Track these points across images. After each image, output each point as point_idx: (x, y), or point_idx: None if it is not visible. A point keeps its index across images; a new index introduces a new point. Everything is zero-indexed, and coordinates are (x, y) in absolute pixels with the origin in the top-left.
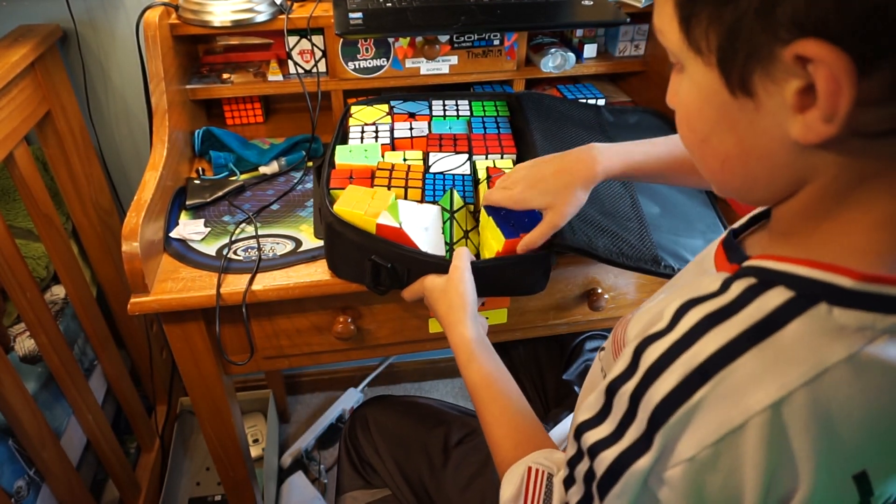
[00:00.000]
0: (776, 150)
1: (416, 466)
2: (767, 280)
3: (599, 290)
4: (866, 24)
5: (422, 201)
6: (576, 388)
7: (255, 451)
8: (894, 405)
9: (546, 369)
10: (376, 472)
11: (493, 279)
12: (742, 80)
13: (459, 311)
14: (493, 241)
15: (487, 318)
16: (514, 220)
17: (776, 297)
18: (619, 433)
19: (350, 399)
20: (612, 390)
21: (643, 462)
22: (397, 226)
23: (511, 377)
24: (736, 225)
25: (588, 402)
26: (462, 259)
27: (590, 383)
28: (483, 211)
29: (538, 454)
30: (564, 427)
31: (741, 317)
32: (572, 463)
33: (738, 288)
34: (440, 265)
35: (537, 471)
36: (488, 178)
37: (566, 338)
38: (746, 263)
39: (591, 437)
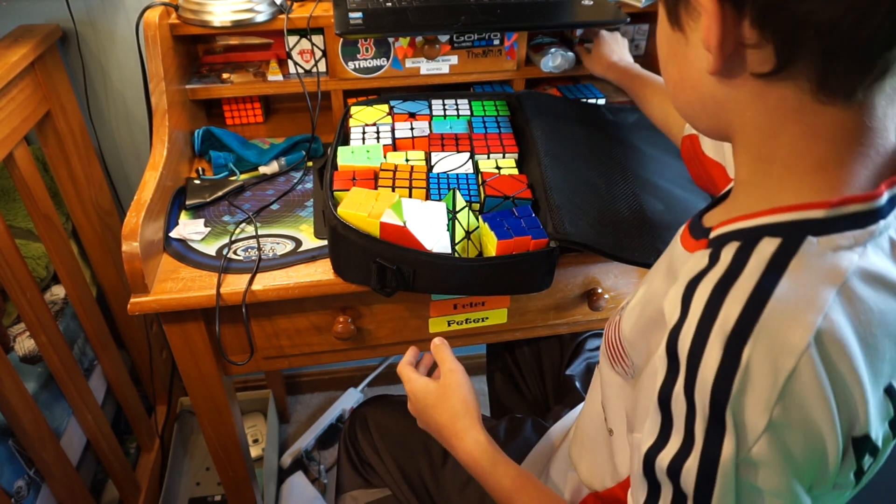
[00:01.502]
0: (700, 79)
1: (415, 466)
2: (751, 237)
3: (599, 290)
4: None
5: (426, 200)
6: (577, 384)
7: (255, 451)
8: (895, 307)
9: (547, 368)
10: (376, 472)
11: (499, 277)
12: (675, 15)
13: (466, 417)
14: (489, 244)
15: (487, 317)
16: (508, 224)
17: (767, 247)
18: (690, 437)
19: (350, 399)
20: (663, 399)
21: (727, 449)
22: (402, 224)
23: (530, 473)
24: (703, 209)
25: (646, 428)
26: (449, 357)
27: (591, 392)
28: (479, 218)
29: None
30: (566, 422)
31: (746, 275)
32: (651, 496)
33: (728, 253)
34: (445, 264)
35: None
36: (483, 182)
37: (567, 337)
38: (720, 231)
39: (665, 457)
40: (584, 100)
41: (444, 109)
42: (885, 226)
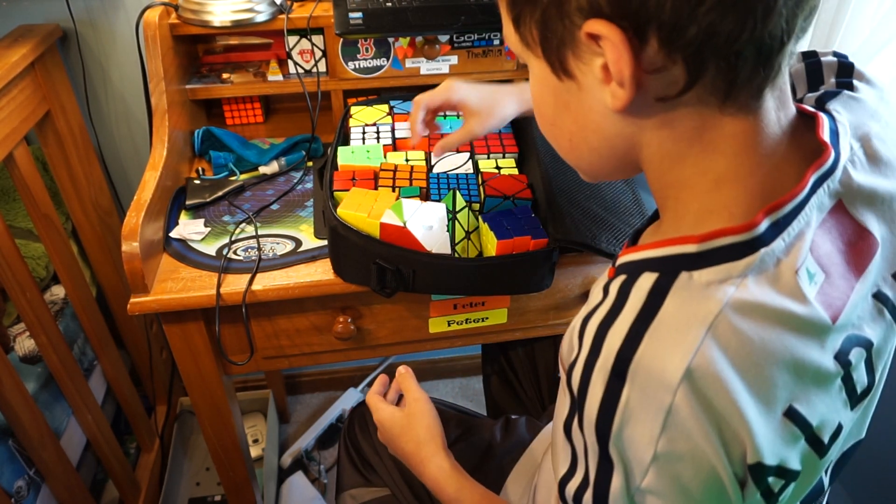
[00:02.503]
0: (603, 121)
1: None
2: (634, 271)
3: None
4: (627, 4)
5: (426, 200)
6: None
7: (255, 451)
8: (782, 335)
9: (542, 369)
10: (376, 471)
11: (499, 277)
12: (561, 64)
13: (430, 444)
14: (489, 244)
15: (487, 317)
16: (508, 224)
17: (645, 282)
18: (586, 469)
19: (350, 399)
20: (567, 431)
21: (615, 483)
22: (401, 225)
23: (495, 496)
24: (638, 227)
25: (559, 457)
26: (413, 387)
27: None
28: (479, 218)
29: None
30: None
31: (626, 311)
32: None
33: (615, 288)
34: (445, 264)
35: None
36: (483, 182)
37: (559, 338)
38: (619, 261)
39: (571, 487)
40: None
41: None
42: (767, 254)
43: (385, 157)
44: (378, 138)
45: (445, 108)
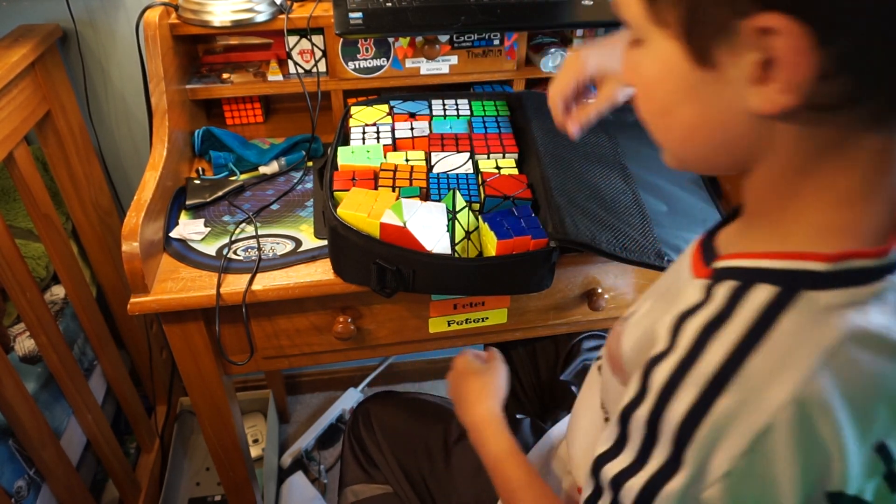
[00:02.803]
0: (735, 120)
1: (416, 465)
2: (748, 280)
3: (599, 290)
4: (823, 4)
5: (426, 200)
6: (573, 388)
7: (255, 451)
8: (894, 370)
9: (543, 369)
10: (378, 468)
11: (499, 277)
12: (705, 51)
13: (492, 395)
14: (489, 244)
15: (487, 317)
16: (508, 223)
17: (761, 294)
18: (642, 459)
19: (350, 399)
20: (625, 417)
21: (675, 483)
22: (401, 225)
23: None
24: (717, 224)
25: (604, 435)
26: (501, 363)
27: (588, 389)
28: (479, 218)
29: None
30: (562, 427)
31: (736, 321)
32: (593, 497)
33: (722, 292)
34: (445, 264)
35: None
36: (483, 182)
37: (563, 338)
38: (722, 264)
39: (612, 468)
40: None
41: (444, 109)
42: (892, 283)
43: (385, 157)
44: (378, 138)
45: (583, 90)
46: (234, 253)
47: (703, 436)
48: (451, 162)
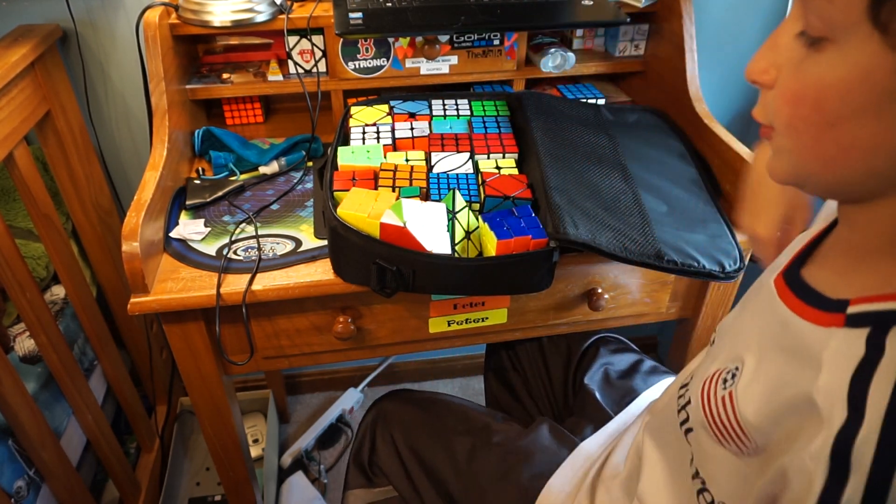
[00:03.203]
0: None
1: (439, 464)
2: None
3: (600, 290)
4: None
5: (426, 200)
6: (597, 395)
7: (255, 451)
8: None
9: (554, 368)
10: (383, 472)
11: (499, 277)
12: None
13: None
14: (489, 244)
15: (487, 317)
16: (507, 223)
17: None
18: None
19: (350, 399)
20: None
21: None
22: (401, 225)
23: None
24: (790, 260)
25: None
26: None
27: (664, 450)
28: (479, 218)
29: None
30: (597, 441)
31: None
32: None
33: (895, 342)
34: (445, 264)
35: None
36: (483, 182)
37: (575, 337)
38: (864, 308)
39: None
40: (584, 100)
41: (444, 109)
42: None
43: (385, 157)
44: (378, 138)
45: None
46: (234, 253)
47: None
48: (451, 162)
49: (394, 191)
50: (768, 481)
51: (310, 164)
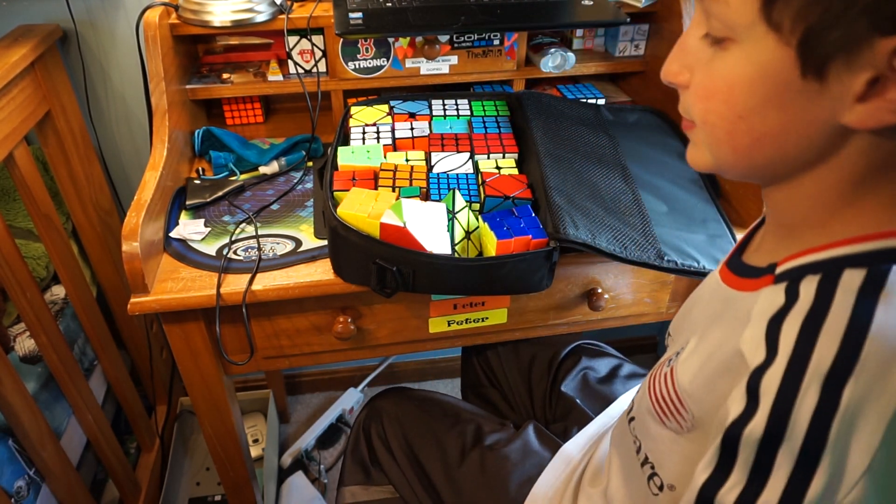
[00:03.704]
0: (818, 131)
1: (429, 461)
2: (831, 269)
3: (599, 290)
4: None
5: (426, 200)
6: (578, 402)
7: (255, 451)
8: None
9: (534, 374)
10: (382, 469)
11: (499, 277)
12: (820, 64)
13: None
14: (489, 244)
15: (487, 317)
16: (507, 223)
17: (852, 279)
18: (762, 476)
19: (350, 399)
20: (733, 437)
21: (814, 490)
22: (401, 225)
23: None
24: (731, 252)
25: (701, 464)
26: None
27: (622, 450)
28: (479, 218)
29: None
30: (578, 443)
31: (836, 310)
32: None
33: (808, 288)
34: (445, 264)
35: None
36: (483, 182)
37: (550, 341)
38: (789, 265)
39: (729, 495)
40: (584, 100)
41: (444, 109)
42: None
43: (385, 157)
44: (378, 138)
45: None
46: (234, 253)
47: (835, 434)
48: (451, 162)
49: (394, 191)
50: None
51: (310, 164)
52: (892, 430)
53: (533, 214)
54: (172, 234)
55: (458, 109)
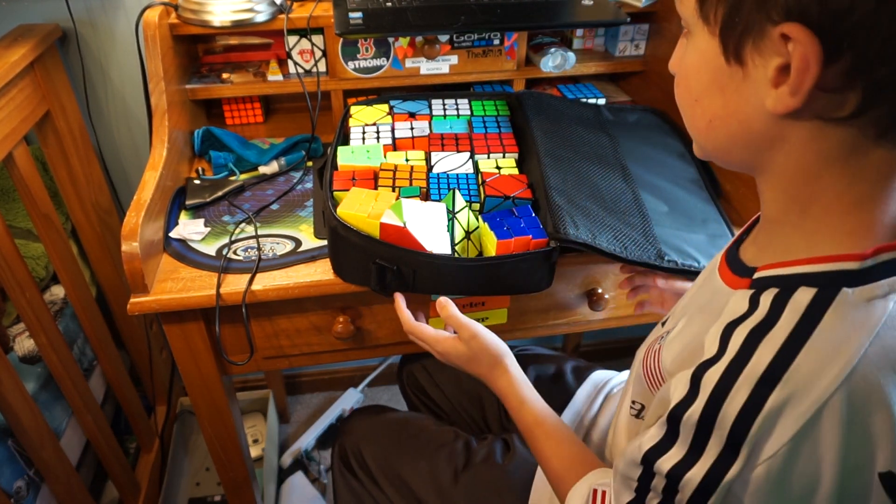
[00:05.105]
0: (754, 116)
1: (423, 491)
2: (788, 286)
3: (599, 290)
4: (838, 19)
5: (426, 200)
6: None
7: (255, 451)
8: None
9: (486, 390)
10: (374, 480)
11: (499, 277)
12: (737, 50)
13: (499, 365)
14: (489, 244)
15: (487, 318)
16: (507, 223)
17: (803, 296)
18: (695, 453)
19: (350, 399)
20: (675, 417)
21: (733, 472)
22: (401, 225)
23: (554, 412)
24: (734, 240)
25: (650, 432)
26: (463, 323)
27: (624, 424)
28: (479, 218)
29: (596, 474)
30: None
31: (782, 323)
32: (642, 487)
33: (766, 300)
34: (445, 264)
35: (603, 493)
36: (483, 182)
37: None
38: (762, 275)
39: (666, 462)
40: (584, 100)
41: (444, 109)
42: None
43: (385, 157)
44: (378, 138)
45: None
46: (234, 253)
47: (756, 429)
48: (451, 162)
49: (394, 191)
50: None
51: (310, 164)
52: (806, 428)
53: (533, 214)
54: (172, 234)
55: (458, 109)
